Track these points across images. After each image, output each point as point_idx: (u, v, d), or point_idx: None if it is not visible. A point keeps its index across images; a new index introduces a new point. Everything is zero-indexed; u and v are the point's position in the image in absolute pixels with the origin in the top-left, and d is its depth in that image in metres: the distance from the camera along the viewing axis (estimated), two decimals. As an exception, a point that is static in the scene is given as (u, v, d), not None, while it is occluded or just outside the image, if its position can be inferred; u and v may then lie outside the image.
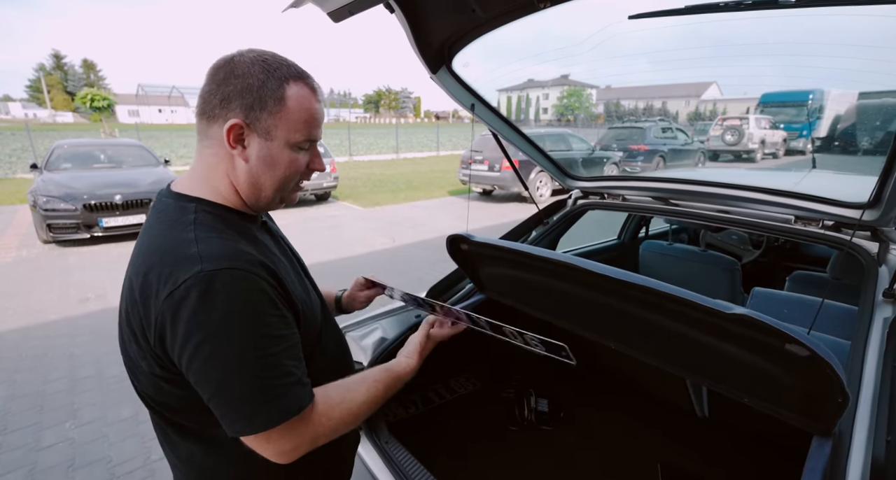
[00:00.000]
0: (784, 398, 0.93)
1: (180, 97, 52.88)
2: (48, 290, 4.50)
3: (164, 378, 0.67)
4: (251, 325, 0.63)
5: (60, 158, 6.90)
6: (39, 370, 3.08)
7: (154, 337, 0.63)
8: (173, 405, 0.72)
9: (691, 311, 0.94)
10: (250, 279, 0.64)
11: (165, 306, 0.61)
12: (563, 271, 1.22)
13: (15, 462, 2.23)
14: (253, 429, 0.64)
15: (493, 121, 1.66)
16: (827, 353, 0.75)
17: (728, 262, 2.24)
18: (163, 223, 0.69)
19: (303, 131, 0.71)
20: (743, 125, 14.85)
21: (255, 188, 0.72)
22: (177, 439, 0.77)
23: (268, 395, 0.63)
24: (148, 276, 0.63)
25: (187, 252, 0.63)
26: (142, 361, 0.68)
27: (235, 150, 0.69)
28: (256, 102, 0.66)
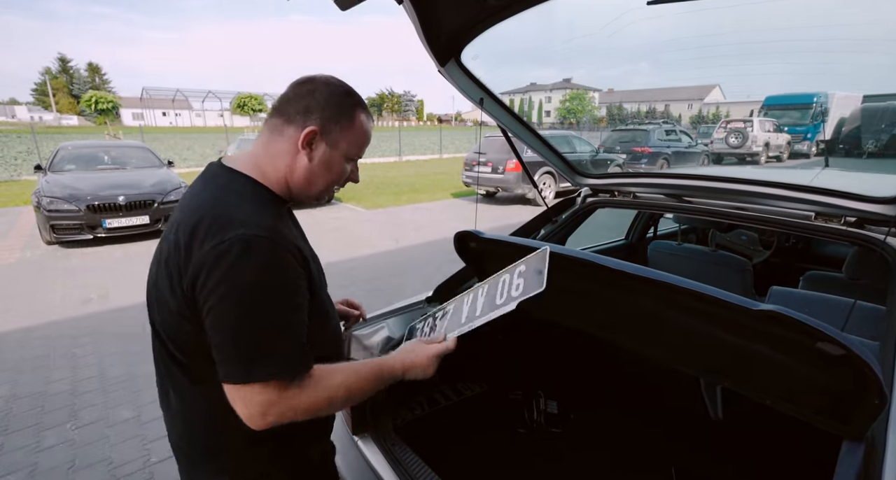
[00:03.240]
0: (811, 399, 0.89)
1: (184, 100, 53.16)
2: (51, 291, 4.49)
3: (188, 317, 0.74)
4: (276, 288, 0.72)
5: (64, 160, 6.91)
6: (41, 371, 3.05)
7: (188, 279, 0.71)
8: (190, 346, 0.77)
9: (714, 308, 0.90)
10: (282, 251, 0.73)
11: (207, 255, 0.69)
12: (578, 268, 1.19)
13: (16, 464, 2.20)
14: (249, 377, 0.70)
15: (501, 116, 1.62)
16: (864, 352, 0.71)
17: (739, 263, 2.20)
18: (213, 187, 0.80)
19: (359, 148, 0.88)
20: (747, 128, 14.76)
21: (308, 183, 0.86)
22: (181, 381, 0.82)
23: (275, 349, 0.71)
24: (197, 228, 0.72)
25: (234, 215, 0.73)
26: (171, 298, 0.75)
27: (304, 151, 0.82)
28: (333, 117, 0.82)
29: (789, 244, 2.83)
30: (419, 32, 1.25)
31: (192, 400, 0.83)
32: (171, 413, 0.89)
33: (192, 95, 49.81)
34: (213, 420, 0.82)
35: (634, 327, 1.20)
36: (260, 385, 0.70)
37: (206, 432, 0.85)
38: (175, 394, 0.85)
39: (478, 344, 1.97)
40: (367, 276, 4.89)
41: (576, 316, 1.39)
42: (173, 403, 0.87)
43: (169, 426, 0.92)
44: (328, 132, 0.82)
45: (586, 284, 1.20)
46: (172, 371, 0.83)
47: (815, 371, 0.83)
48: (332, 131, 0.83)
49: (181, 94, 48.23)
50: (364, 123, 0.87)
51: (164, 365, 0.85)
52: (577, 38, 1.37)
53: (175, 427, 0.89)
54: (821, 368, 0.82)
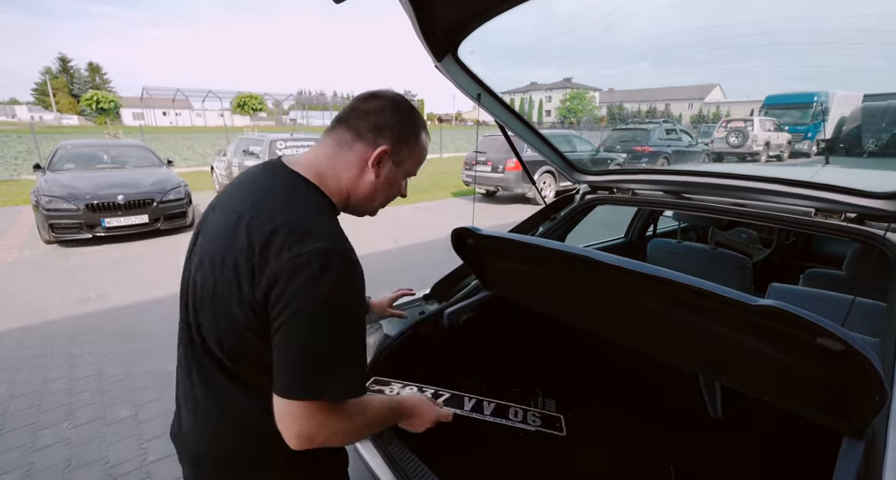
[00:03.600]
0: (811, 395, 0.87)
1: (184, 100, 53.17)
2: (49, 290, 4.48)
3: (254, 328, 0.71)
4: (350, 306, 0.72)
5: (63, 159, 6.90)
6: (39, 370, 3.04)
7: (261, 290, 0.68)
8: (246, 357, 0.75)
9: (713, 303, 0.89)
10: (356, 267, 0.73)
11: (287, 265, 0.67)
12: (576, 264, 1.17)
13: (11, 463, 2.19)
14: (300, 394, 0.69)
15: (499, 112, 1.61)
16: (864, 347, 0.69)
17: (739, 260, 2.19)
18: (285, 191, 0.77)
19: (418, 167, 0.91)
20: (747, 127, 14.75)
21: (369, 198, 0.87)
22: (225, 390, 0.79)
23: (332, 373, 0.70)
24: (274, 236, 0.70)
25: (313, 227, 0.72)
26: (236, 306, 0.71)
27: (373, 168, 0.83)
28: (404, 138, 0.84)
29: (789, 242, 2.82)
30: (415, 26, 1.23)
31: (234, 411, 0.80)
32: (200, 422, 0.83)
33: (193, 95, 49.79)
34: (256, 432, 0.79)
35: (632, 323, 1.19)
36: (318, 403, 0.69)
37: (246, 444, 0.82)
38: (212, 403, 0.81)
39: (476, 339, 1.96)
40: (366, 276, 4.87)
41: (574, 313, 1.38)
42: (208, 413, 0.82)
43: (194, 435, 0.85)
44: (398, 152, 0.84)
45: (584, 280, 1.19)
46: (214, 378, 0.79)
47: (815, 367, 0.82)
48: (401, 151, 0.85)
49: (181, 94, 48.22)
50: (426, 144, 0.89)
51: (203, 370, 0.80)
52: (576, 30, 1.36)
53: (203, 437, 0.84)
54: (821, 364, 0.81)
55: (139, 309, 4.05)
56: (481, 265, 1.58)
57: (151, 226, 6.31)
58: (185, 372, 0.84)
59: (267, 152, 8.42)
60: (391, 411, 0.88)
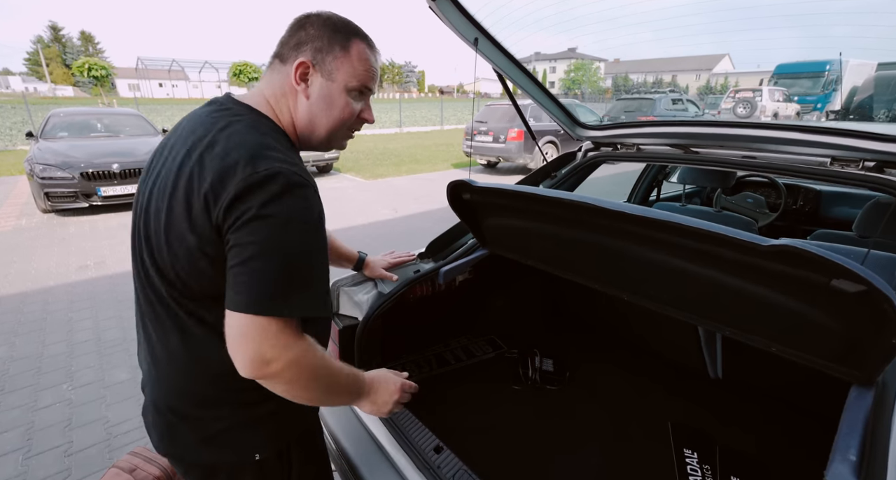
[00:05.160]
0: (821, 344, 0.83)
1: (181, 71, 51.91)
2: (47, 258, 4.46)
3: (209, 254, 0.69)
4: (307, 224, 0.68)
5: (56, 127, 6.76)
6: (37, 334, 3.05)
7: (221, 208, 0.66)
8: (197, 288, 0.73)
9: (720, 248, 0.83)
10: (315, 196, 0.71)
11: (244, 183, 0.65)
12: (574, 213, 1.12)
13: (12, 421, 2.21)
14: (259, 308, 0.64)
15: (497, 59, 1.52)
16: (886, 287, 0.64)
17: (744, 223, 2.13)
18: (238, 123, 0.73)
19: (360, 78, 0.79)
20: (756, 97, 14.37)
21: (311, 124, 0.80)
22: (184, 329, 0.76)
23: (292, 287, 0.67)
24: (229, 159, 0.67)
25: (269, 152, 0.69)
26: (190, 234, 0.69)
27: (300, 87, 0.77)
28: (325, 47, 0.76)
29: (797, 206, 2.75)
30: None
31: (196, 346, 0.77)
32: (160, 366, 0.81)
33: (189, 66, 48.60)
34: (211, 372, 0.77)
35: (636, 276, 1.14)
36: (278, 322, 0.65)
37: (199, 385, 0.79)
38: (173, 344, 0.78)
39: (472, 298, 1.93)
40: (363, 245, 4.84)
41: (574, 267, 1.33)
42: (168, 354, 0.79)
43: (155, 380, 0.83)
44: (321, 62, 0.76)
45: (586, 231, 1.14)
46: (167, 316, 0.76)
47: (829, 312, 0.78)
48: (325, 61, 0.76)
49: (177, 65, 47.04)
50: (362, 51, 0.79)
51: (155, 309, 0.78)
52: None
53: (164, 381, 0.81)
54: (835, 309, 0.76)
55: (137, 277, 4.04)
56: (478, 221, 1.53)
57: (148, 196, 6.24)
58: (140, 316, 0.83)
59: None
60: (354, 382, 0.83)
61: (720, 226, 0.79)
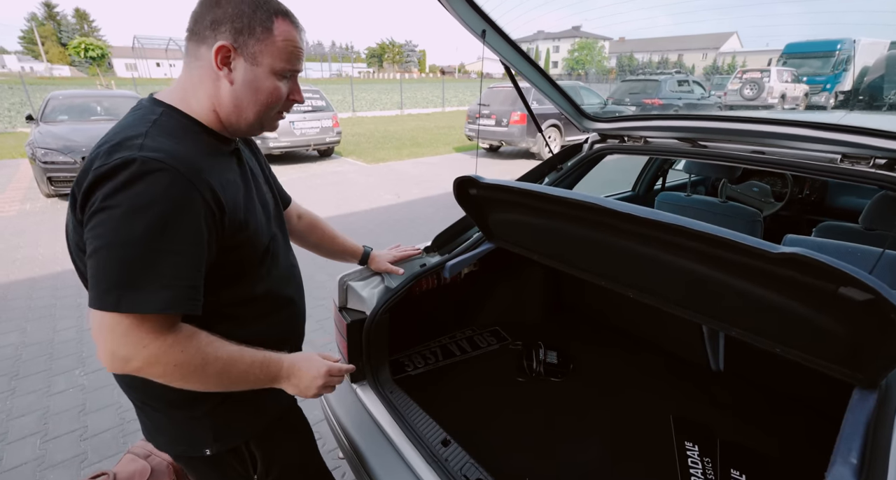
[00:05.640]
0: (825, 347, 0.85)
1: (178, 50, 51.01)
2: (53, 243, 4.49)
3: (81, 248, 0.70)
4: (157, 217, 0.64)
5: (56, 110, 6.70)
6: (48, 320, 3.10)
7: (79, 203, 0.66)
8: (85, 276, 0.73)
9: (728, 252, 0.84)
10: (180, 181, 0.66)
11: (94, 175, 0.64)
12: (581, 212, 1.12)
13: (28, 406, 2.27)
14: (103, 304, 0.63)
15: (505, 51, 1.49)
16: (893, 296, 0.65)
17: (750, 214, 2.13)
18: (128, 118, 0.74)
19: (286, 60, 0.75)
20: (763, 78, 14.07)
21: (238, 110, 0.76)
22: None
23: (137, 282, 0.63)
24: (94, 152, 0.68)
25: (132, 141, 0.66)
26: (72, 230, 0.73)
27: (222, 72, 0.72)
28: (246, 28, 0.71)
29: (802, 196, 2.74)
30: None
31: None
32: None
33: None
34: None
35: (641, 275, 1.15)
36: (130, 318, 0.63)
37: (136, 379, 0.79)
38: None
39: (478, 291, 1.95)
40: (366, 231, 4.86)
41: (580, 264, 1.34)
42: None
43: None
44: (244, 45, 0.71)
45: (592, 230, 1.14)
46: None
47: (835, 317, 0.79)
48: (248, 44, 0.71)
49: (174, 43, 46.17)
50: (286, 31, 0.73)
51: None
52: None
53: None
54: (841, 314, 0.77)
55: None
56: (484, 216, 1.53)
57: (150, 180, 6.22)
58: None
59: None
60: (262, 366, 0.78)
61: (728, 230, 0.80)
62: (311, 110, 8.70)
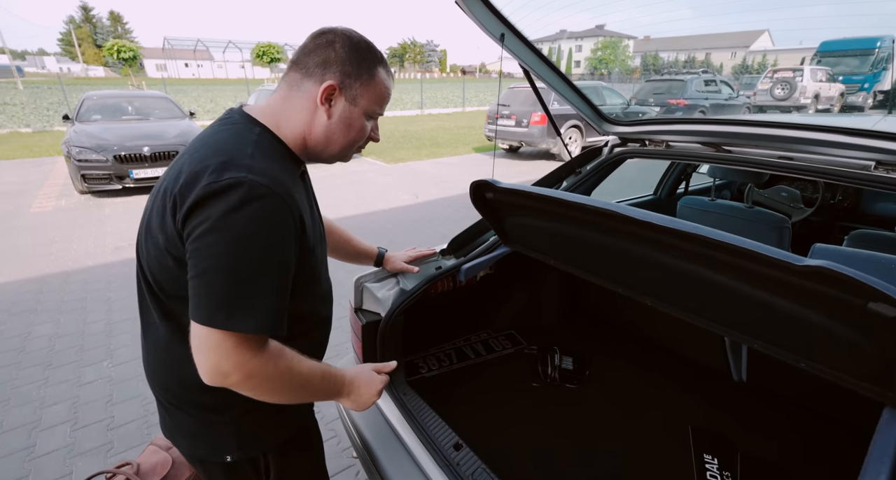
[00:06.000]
0: (853, 364, 0.82)
1: (205, 51, 52.39)
2: (85, 238, 4.67)
3: (174, 256, 0.72)
4: (265, 241, 0.68)
5: (91, 110, 6.97)
6: (79, 312, 3.23)
7: (182, 213, 0.68)
8: (170, 287, 0.76)
9: (751, 263, 0.81)
10: (282, 207, 0.70)
11: (204, 190, 0.66)
12: (599, 219, 1.10)
13: (61, 395, 2.37)
14: (213, 321, 0.66)
15: (524, 55, 1.48)
16: None
17: (777, 220, 2.06)
18: (228, 132, 0.77)
19: (379, 105, 0.85)
20: (796, 77, 13.55)
21: (327, 142, 0.83)
22: (160, 322, 0.82)
23: (247, 303, 0.67)
24: (201, 164, 0.70)
25: (241, 160, 0.70)
26: (160, 233, 0.73)
27: (322, 107, 0.79)
28: (353, 73, 0.79)
29: (835, 201, 2.63)
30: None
31: (168, 343, 0.82)
32: (147, 356, 0.88)
33: (213, 45, 48.97)
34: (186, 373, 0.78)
35: (660, 284, 1.13)
36: (234, 336, 0.67)
37: (177, 382, 0.84)
38: (153, 339, 0.85)
39: (494, 295, 1.94)
40: (384, 231, 4.89)
41: (597, 271, 1.32)
42: (151, 346, 0.86)
43: (145, 367, 0.91)
44: (348, 87, 0.79)
45: (609, 237, 1.13)
46: (153, 311, 0.82)
47: (863, 333, 0.76)
48: (352, 87, 0.80)
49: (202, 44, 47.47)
50: (385, 80, 0.84)
51: (146, 305, 0.84)
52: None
53: (149, 371, 0.89)
54: (871, 331, 0.74)
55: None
56: (500, 220, 1.52)
57: (177, 179, 6.41)
58: (140, 312, 0.88)
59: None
60: (329, 382, 0.85)
61: (751, 241, 0.77)
62: (333, 110, 8.82)
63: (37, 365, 2.62)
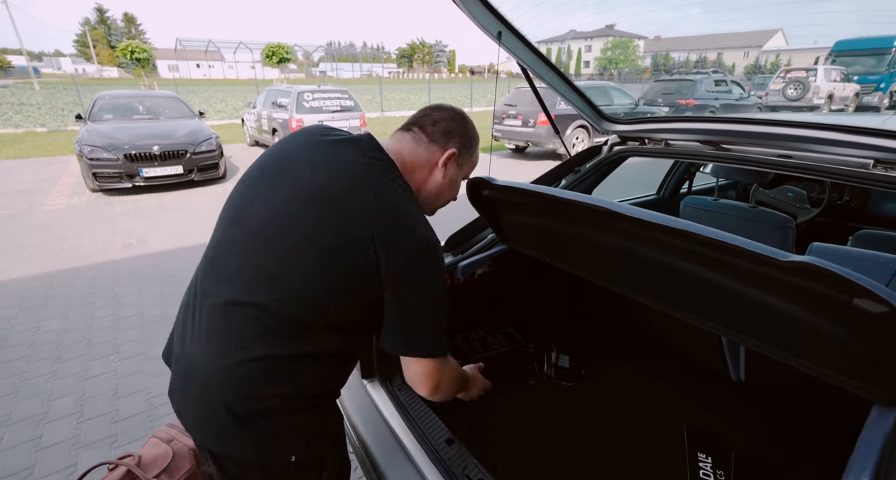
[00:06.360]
0: (841, 361, 0.81)
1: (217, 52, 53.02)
2: (95, 235, 4.75)
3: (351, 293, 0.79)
4: (445, 280, 0.90)
5: (103, 109, 7.09)
6: (87, 308, 3.28)
7: (377, 259, 0.77)
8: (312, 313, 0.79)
9: (739, 260, 0.81)
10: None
11: (416, 246, 0.79)
12: (592, 216, 1.11)
13: (68, 388, 2.42)
14: (437, 352, 0.86)
15: (522, 53, 1.49)
16: None
17: (781, 219, 2.03)
18: (385, 177, 0.85)
19: (470, 173, 1.07)
20: (809, 77, 13.34)
21: (435, 196, 0.98)
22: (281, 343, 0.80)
23: (445, 335, 0.88)
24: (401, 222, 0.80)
25: (417, 216, 0.84)
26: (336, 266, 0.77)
27: (442, 168, 0.95)
28: (468, 145, 0.98)
29: (842, 202, 2.59)
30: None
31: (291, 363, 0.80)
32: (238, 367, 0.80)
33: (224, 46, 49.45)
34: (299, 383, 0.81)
35: (653, 281, 1.13)
36: (442, 359, 0.88)
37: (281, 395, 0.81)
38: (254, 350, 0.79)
39: (491, 293, 1.94)
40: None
41: (592, 269, 1.32)
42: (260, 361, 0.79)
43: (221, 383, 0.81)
44: (462, 156, 0.97)
45: (602, 234, 1.13)
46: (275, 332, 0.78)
47: (850, 330, 0.75)
48: (465, 156, 0.98)
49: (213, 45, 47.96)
50: (478, 154, 1.04)
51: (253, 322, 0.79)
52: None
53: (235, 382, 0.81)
54: (857, 327, 0.74)
55: (176, 255, 4.26)
56: (497, 218, 1.53)
57: (186, 177, 6.50)
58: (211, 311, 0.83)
59: (295, 104, 8.36)
60: (464, 377, 1.13)
61: (740, 237, 0.77)
62: (340, 110, 8.87)
63: (45, 358, 2.68)
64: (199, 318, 0.85)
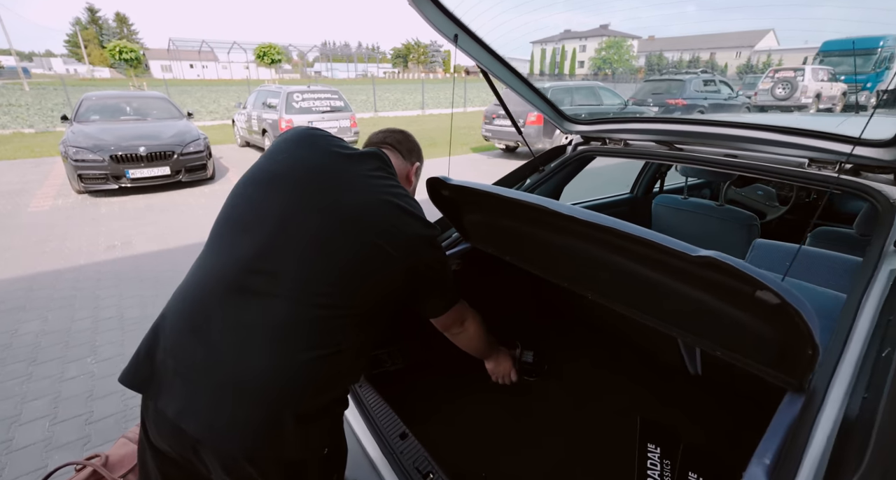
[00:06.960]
0: (756, 350, 0.84)
1: (210, 52, 52.74)
2: (79, 237, 4.74)
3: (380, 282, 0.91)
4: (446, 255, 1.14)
5: (89, 110, 7.06)
6: (67, 310, 3.28)
7: (406, 247, 0.92)
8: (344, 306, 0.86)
9: (657, 254, 0.85)
10: None
11: (428, 240, 0.98)
12: (537, 215, 1.14)
13: (42, 390, 2.42)
14: (456, 298, 1.11)
15: (479, 55, 1.52)
16: (798, 301, 0.65)
17: (746, 217, 2.08)
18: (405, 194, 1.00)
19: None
20: (797, 77, 13.48)
21: None
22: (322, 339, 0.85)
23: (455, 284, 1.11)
24: (411, 216, 0.96)
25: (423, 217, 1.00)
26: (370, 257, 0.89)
27: (412, 178, 1.20)
28: (421, 159, 1.24)
29: (809, 200, 2.65)
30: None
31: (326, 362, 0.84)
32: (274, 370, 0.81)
33: (218, 46, 49.24)
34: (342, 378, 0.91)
35: (592, 277, 1.16)
36: (460, 304, 1.13)
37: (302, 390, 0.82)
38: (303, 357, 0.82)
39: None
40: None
41: (540, 265, 1.35)
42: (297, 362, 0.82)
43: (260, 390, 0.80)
44: (418, 169, 1.22)
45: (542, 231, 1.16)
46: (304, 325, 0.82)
47: (758, 321, 0.79)
48: (419, 169, 1.22)
49: (207, 46, 47.73)
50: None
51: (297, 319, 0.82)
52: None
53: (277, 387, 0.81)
54: (763, 318, 0.77)
55: (159, 257, 4.26)
56: (458, 217, 1.56)
57: (173, 178, 6.48)
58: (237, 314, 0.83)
59: (284, 104, 8.36)
60: (490, 340, 1.33)
61: (655, 233, 0.80)
62: (330, 111, 8.88)
63: (21, 361, 2.68)
64: (234, 324, 0.83)
